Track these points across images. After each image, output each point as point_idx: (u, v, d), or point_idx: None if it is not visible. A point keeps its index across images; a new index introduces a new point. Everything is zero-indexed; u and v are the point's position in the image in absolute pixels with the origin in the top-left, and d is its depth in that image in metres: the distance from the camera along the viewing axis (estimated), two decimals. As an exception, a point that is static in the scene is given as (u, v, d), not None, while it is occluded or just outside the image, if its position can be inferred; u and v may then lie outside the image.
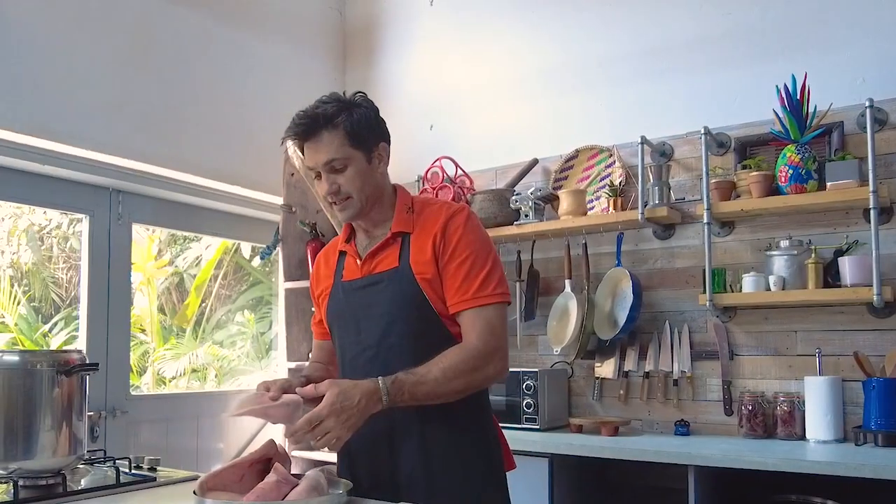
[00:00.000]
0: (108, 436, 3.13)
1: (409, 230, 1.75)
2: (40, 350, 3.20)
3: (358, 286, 1.76)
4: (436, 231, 1.71)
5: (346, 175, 1.71)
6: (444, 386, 1.59)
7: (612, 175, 3.32)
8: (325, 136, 1.69)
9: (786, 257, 2.81)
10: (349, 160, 1.71)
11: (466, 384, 1.64)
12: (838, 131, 2.84)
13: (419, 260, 1.70)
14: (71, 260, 5.41)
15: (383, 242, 1.76)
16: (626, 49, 3.39)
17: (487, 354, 1.65)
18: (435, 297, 1.69)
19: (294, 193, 3.73)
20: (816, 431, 2.70)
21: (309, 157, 1.72)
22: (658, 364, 3.15)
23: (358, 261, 1.78)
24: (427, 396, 1.59)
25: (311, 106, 1.74)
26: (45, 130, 2.87)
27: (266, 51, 3.80)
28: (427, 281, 1.68)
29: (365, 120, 1.75)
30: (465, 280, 1.67)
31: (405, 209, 1.79)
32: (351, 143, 1.71)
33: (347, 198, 1.72)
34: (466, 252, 1.69)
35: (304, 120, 1.71)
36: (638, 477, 2.93)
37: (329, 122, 1.70)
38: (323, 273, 1.90)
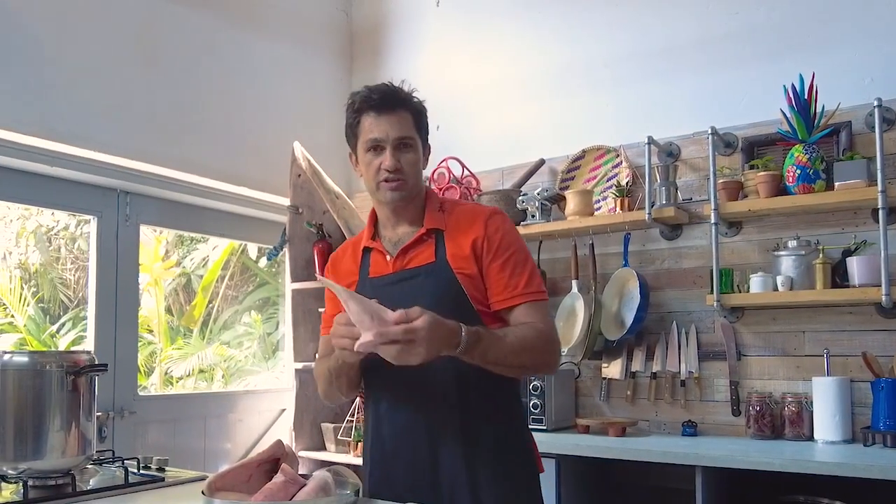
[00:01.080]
0: (116, 436, 3.14)
1: (442, 227, 1.76)
2: (49, 351, 3.21)
3: (389, 282, 1.75)
4: (476, 230, 1.73)
5: (408, 156, 1.74)
6: (513, 355, 1.61)
7: (619, 175, 3.31)
8: (401, 113, 1.73)
9: (794, 257, 2.80)
10: (414, 143, 1.75)
11: (531, 362, 1.68)
12: (846, 131, 2.83)
13: (457, 256, 1.71)
14: (79, 261, 5.44)
15: (417, 238, 1.76)
16: (633, 49, 3.39)
17: (553, 341, 1.72)
18: (475, 292, 1.71)
19: (301, 194, 3.74)
20: (824, 432, 2.69)
21: (379, 128, 1.72)
22: (665, 364, 3.15)
23: (388, 257, 1.77)
24: (496, 360, 1.59)
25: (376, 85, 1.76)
26: (53, 132, 2.88)
27: (273, 52, 3.81)
28: (466, 276, 1.70)
29: (426, 115, 1.82)
30: (513, 276, 1.71)
31: (436, 208, 1.81)
32: (417, 127, 1.76)
33: (402, 179, 1.73)
34: (511, 250, 1.73)
35: (382, 92, 1.73)
36: (645, 477, 2.93)
37: (404, 100, 1.75)
38: (344, 269, 1.88)
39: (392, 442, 1.74)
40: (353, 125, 1.77)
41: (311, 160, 3.60)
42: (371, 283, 1.79)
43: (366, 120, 1.73)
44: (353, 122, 1.77)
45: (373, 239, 1.84)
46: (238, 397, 3.82)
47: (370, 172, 1.75)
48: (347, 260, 1.89)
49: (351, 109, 1.77)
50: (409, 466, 1.71)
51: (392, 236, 1.82)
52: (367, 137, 1.73)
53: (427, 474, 1.69)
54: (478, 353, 1.55)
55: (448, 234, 1.75)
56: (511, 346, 1.61)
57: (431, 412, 1.69)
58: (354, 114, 1.76)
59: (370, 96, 1.73)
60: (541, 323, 1.69)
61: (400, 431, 1.73)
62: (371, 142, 1.73)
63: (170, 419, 3.43)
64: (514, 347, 1.61)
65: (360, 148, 1.77)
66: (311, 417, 3.74)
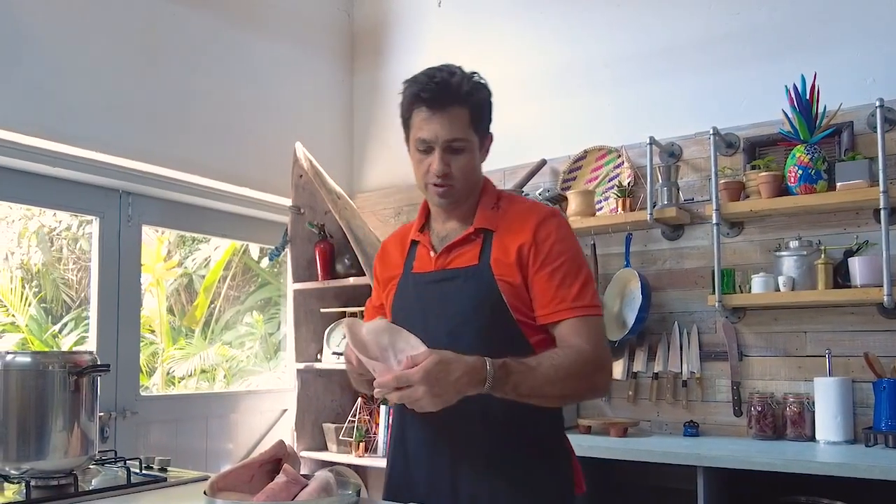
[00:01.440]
0: (118, 436, 3.14)
1: (492, 227, 1.64)
2: (52, 351, 3.22)
3: (429, 280, 1.67)
4: (525, 236, 1.60)
5: (460, 159, 1.60)
6: (550, 386, 1.47)
7: (621, 175, 3.32)
8: (455, 111, 1.58)
9: (795, 258, 2.80)
10: (467, 143, 1.61)
11: (573, 390, 1.54)
12: (848, 131, 2.83)
13: (501, 261, 1.59)
14: (81, 261, 5.45)
15: (463, 237, 1.65)
16: (634, 49, 3.39)
17: (599, 363, 1.55)
18: (516, 302, 1.58)
19: (302, 195, 3.74)
20: (826, 432, 2.69)
21: (428, 128, 1.58)
22: (667, 365, 3.15)
23: (432, 253, 1.68)
24: (531, 392, 1.45)
25: (435, 69, 1.61)
26: (55, 133, 2.89)
27: (274, 52, 3.82)
28: (508, 284, 1.58)
29: (487, 103, 1.65)
30: (561, 288, 1.56)
31: (490, 204, 1.68)
32: (473, 125, 1.61)
33: (451, 185, 1.61)
34: (561, 259, 1.58)
35: (435, 85, 1.58)
36: (647, 478, 2.93)
37: (460, 95, 1.58)
38: (392, 259, 1.79)
39: (414, 450, 1.67)
40: (405, 117, 1.65)
41: (312, 161, 3.60)
42: (413, 278, 1.70)
43: (416, 116, 1.61)
44: (405, 115, 1.65)
45: (421, 231, 1.74)
46: (240, 397, 3.83)
47: (419, 171, 1.64)
48: (396, 250, 1.80)
49: (403, 100, 1.65)
50: (430, 477, 1.64)
51: (440, 230, 1.72)
52: (416, 136, 1.62)
53: (447, 488, 1.61)
54: (509, 387, 1.42)
55: (498, 235, 1.63)
56: (546, 377, 1.46)
57: (457, 425, 1.57)
58: (406, 106, 1.64)
59: (421, 91, 1.59)
60: (587, 343, 1.53)
61: (423, 441, 1.66)
62: (420, 142, 1.61)
63: (172, 419, 3.43)
64: (549, 377, 1.46)
65: (410, 143, 1.65)
66: (313, 418, 3.75)
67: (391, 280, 1.77)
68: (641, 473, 2.89)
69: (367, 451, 3.56)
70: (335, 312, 3.80)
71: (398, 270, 1.75)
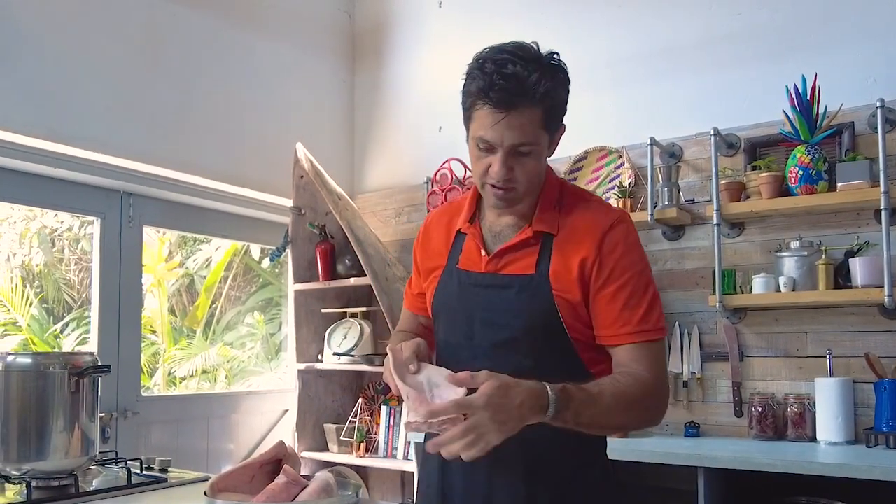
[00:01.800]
0: (120, 437, 3.15)
1: (553, 231, 1.48)
2: (53, 352, 3.23)
3: (478, 282, 1.51)
4: (588, 248, 1.44)
5: (525, 163, 1.43)
6: (611, 415, 1.34)
7: (622, 176, 3.32)
8: (526, 112, 1.38)
9: (796, 258, 2.80)
10: (535, 146, 1.42)
11: (632, 420, 1.44)
12: (849, 132, 2.83)
13: (561, 275, 1.44)
14: (82, 262, 5.45)
15: (521, 241, 1.49)
16: (635, 49, 3.39)
17: (659, 395, 1.43)
18: (572, 320, 1.44)
19: (303, 195, 3.75)
20: (827, 433, 2.69)
21: (493, 130, 1.39)
22: (668, 365, 3.15)
23: (483, 252, 1.53)
24: (591, 422, 1.32)
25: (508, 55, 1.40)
26: (56, 134, 2.89)
27: (275, 53, 3.82)
28: (566, 301, 1.43)
29: (564, 98, 1.48)
30: (625, 309, 1.42)
31: (552, 201, 1.52)
32: (545, 124, 1.42)
33: (513, 188, 1.45)
34: (627, 275, 1.44)
35: (507, 83, 1.37)
36: (647, 478, 2.92)
37: (534, 95, 1.38)
38: (435, 247, 1.64)
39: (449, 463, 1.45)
40: (467, 108, 1.45)
41: (313, 161, 3.61)
42: (459, 275, 1.55)
43: (479, 112, 1.40)
44: (466, 106, 1.45)
45: (471, 222, 1.58)
46: (241, 398, 3.83)
47: (477, 168, 1.46)
48: (440, 236, 1.64)
49: (466, 88, 1.44)
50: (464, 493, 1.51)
51: (494, 224, 1.56)
52: (477, 133, 1.42)
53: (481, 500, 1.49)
54: (570, 415, 1.28)
55: (559, 241, 1.47)
56: (607, 407, 1.33)
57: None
58: (469, 97, 1.43)
59: (489, 88, 1.37)
60: (648, 370, 1.40)
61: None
62: (481, 141, 1.42)
63: (173, 420, 3.43)
64: (610, 408, 1.33)
65: (470, 134, 1.46)
66: (314, 418, 3.75)
67: (433, 271, 1.62)
68: (642, 474, 2.89)
69: (368, 451, 3.56)
70: (336, 313, 3.81)
71: (441, 261, 1.61)
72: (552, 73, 1.42)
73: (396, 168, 4.07)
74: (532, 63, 1.40)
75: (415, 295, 1.73)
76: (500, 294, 1.48)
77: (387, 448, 3.57)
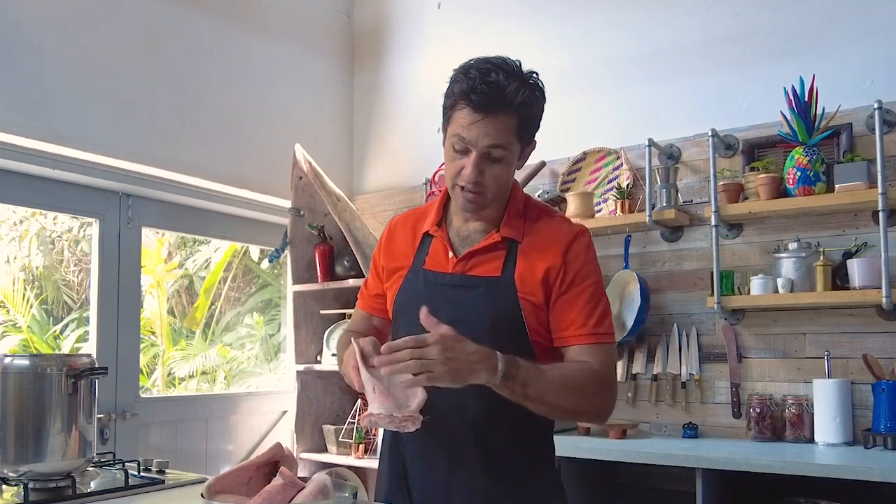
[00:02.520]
0: (118, 438, 3.15)
1: (518, 238, 1.58)
2: (50, 354, 3.23)
3: (445, 283, 1.59)
4: (554, 255, 1.55)
5: (495, 168, 1.52)
6: (557, 394, 1.44)
7: (620, 177, 3.32)
8: (503, 118, 1.48)
9: (794, 259, 2.80)
10: (507, 153, 1.51)
11: (577, 405, 1.51)
12: (847, 133, 2.83)
13: (526, 279, 1.54)
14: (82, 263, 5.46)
15: (488, 245, 1.58)
16: (634, 51, 3.39)
17: (607, 385, 1.54)
18: (534, 321, 1.54)
19: (302, 197, 3.75)
20: (825, 434, 2.69)
21: (470, 130, 1.48)
22: (666, 366, 3.15)
23: (451, 253, 1.60)
24: (536, 396, 1.42)
25: (492, 65, 1.50)
26: (56, 135, 2.89)
27: (274, 54, 3.82)
28: (530, 303, 1.53)
29: (538, 112, 1.56)
30: (582, 312, 1.53)
31: (518, 211, 1.62)
32: (518, 133, 1.52)
33: (481, 192, 1.53)
34: (587, 282, 1.55)
35: (488, 88, 1.46)
36: (646, 479, 2.93)
37: (511, 102, 1.48)
38: (400, 248, 1.70)
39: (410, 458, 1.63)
40: (447, 108, 1.54)
41: (312, 163, 3.61)
42: (425, 275, 1.62)
43: (460, 112, 1.50)
44: (447, 105, 1.54)
45: (438, 226, 1.65)
46: (240, 399, 3.83)
47: (450, 170, 1.55)
48: (406, 238, 1.71)
49: (449, 90, 1.54)
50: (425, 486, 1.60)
51: (462, 229, 1.64)
52: (454, 132, 1.51)
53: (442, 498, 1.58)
54: (518, 384, 1.39)
55: (523, 248, 1.57)
56: (553, 383, 1.43)
57: (452, 436, 1.54)
58: (451, 97, 1.52)
59: (471, 91, 1.47)
60: (597, 364, 1.51)
61: (418, 451, 1.61)
62: (457, 140, 1.51)
63: (172, 421, 3.43)
64: (556, 385, 1.44)
65: (447, 135, 1.55)
66: (313, 419, 3.75)
67: (397, 271, 1.68)
68: (640, 475, 2.90)
69: (367, 452, 3.56)
70: (335, 314, 3.81)
71: (407, 262, 1.67)
72: (530, 88, 1.52)
73: (395, 169, 4.07)
74: (513, 76, 1.50)
75: (372, 296, 1.78)
76: (467, 294, 1.56)
77: (385, 449, 3.57)
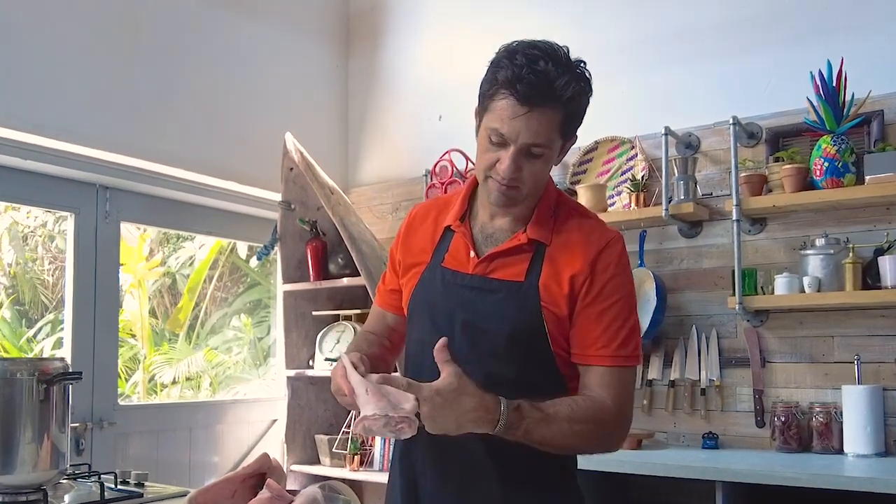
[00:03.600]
0: (95, 449, 3.14)
1: (546, 241, 1.55)
2: (20, 358, 3.22)
3: (464, 283, 1.56)
4: (581, 262, 1.52)
5: (535, 165, 1.49)
6: (564, 437, 1.43)
7: (634, 168, 3.31)
8: (548, 112, 1.45)
9: (822, 257, 2.79)
10: (548, 149, 1.49)
11: (587, 444, 1.51)
12: (878, 121, 2.82)
13: (551, 288, 1.52)
14: (57, 261, 5.46)
15: (513, 247, 1.55)
16: (650, 33, 3.38)
17: (619, 421, 1.52)
18: (557, 333, 1.52)
19: (293, 189, 3.74)
20: (855, 445, 2.68)
21: (511, 124, 1.45)
22: (684, 372, 3.14)
23: (472, 252, 1.58)
24: (542, 441, 1.42)
25: (540, 52, 1.47)
26: (27, 124, 2.88)
27: (264, 36, 3.81)
28: (553, 314, 1.51)
29: (585, 106, 1.53)
30: (607, 331, 1.50)
31: (549, 210, 1.59)
32: (562, 129, 1.50)
33: (516, 187, 1.51)
34: (615, 297, 1.52)
35: (536, 79, 1.43)
36: (662, 493, 2.92)
37: (560, 97, 1.45)
38: (419, 243, 1.68)
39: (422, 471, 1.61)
40: (487, 95, 1.50)
41: (303, 153, 3.60)
42: (443, 274, 1.60)
43: (500, 102, 1.46)
44: (487, 92, 1.50)
45: (462, 220, 1.62)
46: (226, 407, 3.83)
47: (483, 161, 1.52)
48: (426, 231, 1.68)
49: (491, 76, 1.50)
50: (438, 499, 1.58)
51: (486, 224, 1.62)
52: (493, 125, 1.48)
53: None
54: (520, 433, 1.39)
55: (551, 252, 1.55)
56: (559, 430, 1.42)
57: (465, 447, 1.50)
58: (493, 84, 1.49)
59: (517, 80, 1.43)
60: (612, 399, 1.48)
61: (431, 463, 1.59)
62: (495, 133, 1.48)
63: (153, 430, 3.43)
64: (563, 431, 1.42)
65: (483, 124, 1.51)
66: (305, 429, 3.74)
67: (414, 267, 1.66)
68: (656, 489, 2.89)
69: (363, 464, 3.55)
70: (328, 315, 3.80)
71: (425, 258, 1.65)
72: (579, 80, 1.49)
73: (393, 160, 4.06)
74: (563, 65, 1.47)
75: (388, 291, 1.76)
76: (486, 298, 1.54)
77: (382, 461, 3.56)
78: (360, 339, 1.77)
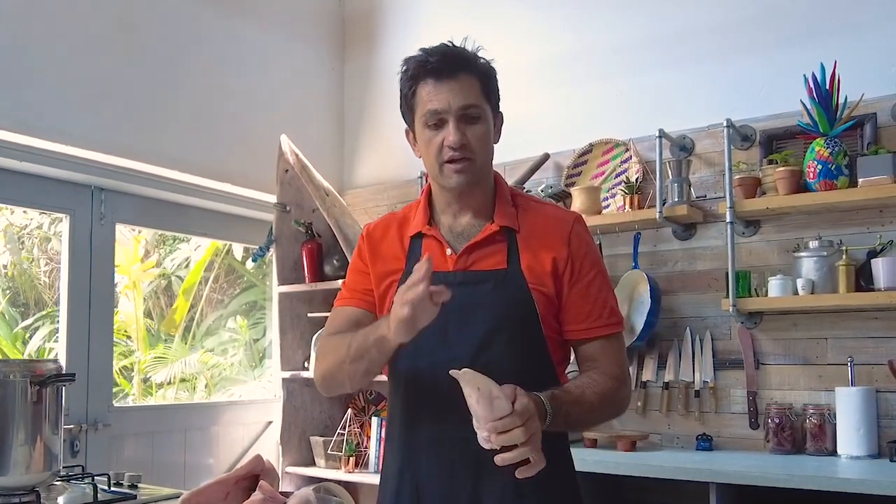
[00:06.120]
0: (90, 450, 3.13)
1: (514, 227, 1.62)
2: (13, 359, 3.22)
3: (448, 282, 1.50)
4: (559, 245, 1.59)
5: (476, 129, 1.57)
6: (594, 412, 1.54)
7: (629, 171, 3.31)
8: (465, 78, 1.56)
9: (815, 259, 2.80)
10: (483, 113, 1.58)
11: (609, 414, 1.62)
12: (871, 123, 2.82)
13: (535, 269, 1.57)
14: (53, 262, 5.44)
15: (487, 236, 1.60)
16: (645, 35, 3.38)
17: (628, 383, 1.63)
18: (547, 314, 1.57)
19: (289, 191, 3.74)
20: (848, 446, 2.68)
21: (439, 97, 1.55)
22: (678, 374, 3.14)
23: (449, 250, 1.61)
24: (578, 421, 1.52)
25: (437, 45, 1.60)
26: (23, 125, 2.88)
27: (259, 39, 3.81)
28: (542, 294, 1.57)
29: (495, 76, 1.64)
30: (597, 303, 1.60)
31: (507, 200, 1.66)
32: (484, 94, 1.59)
33: (469, 158, 1.56)
34: (594, 271, 1.61)
35: (440, 55, 1.57)
36: (656, 494, 2.92)
37: (468, 63, 1.58)
38: (389, 251, 1.68)
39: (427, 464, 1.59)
40: (409, 96, 1.61)
41: (299, 154, 3.60)
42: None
43: (423, 89, 1.57)
44: (407, 93, 1.61)
45: (429, 225, 1.66)
46: (222, 408, 3.82)
47: (431, 151, 1.58)
48: (391, 242, 1.69)
49: (405, 77, 1.62)
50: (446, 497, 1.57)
51: (453, 225, 1.66)
52: (425, 109, 1.57)
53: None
54: (560, 420, 1.42)
55: (523, 237, 1.61)
56: (591, 405, 1.51)
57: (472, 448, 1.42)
58: (409, 82, 1.60)
59: (426, 60, 1.57)
60: (615, 365, 1.59)
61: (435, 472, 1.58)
62: (430, 114, 1.56)
63: (148, 432, 3.42)
64: (595, 405, 1.51)
65: (417, 123, 1.61)
66: (300, 430, 3.74)
67: (391, 275, 1.65)
68: (650, 490, 2.89)
69: (358, 466, 3.54)
70: (324, 317, 3.79)
71: (398, 265, 1.65)
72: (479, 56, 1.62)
73: (388, 162, 4.06)
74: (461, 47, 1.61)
75: (362, 290, 1.70)
76: (475, 290, 1.57)
77: (378, 462, 3.56)
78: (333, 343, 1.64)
